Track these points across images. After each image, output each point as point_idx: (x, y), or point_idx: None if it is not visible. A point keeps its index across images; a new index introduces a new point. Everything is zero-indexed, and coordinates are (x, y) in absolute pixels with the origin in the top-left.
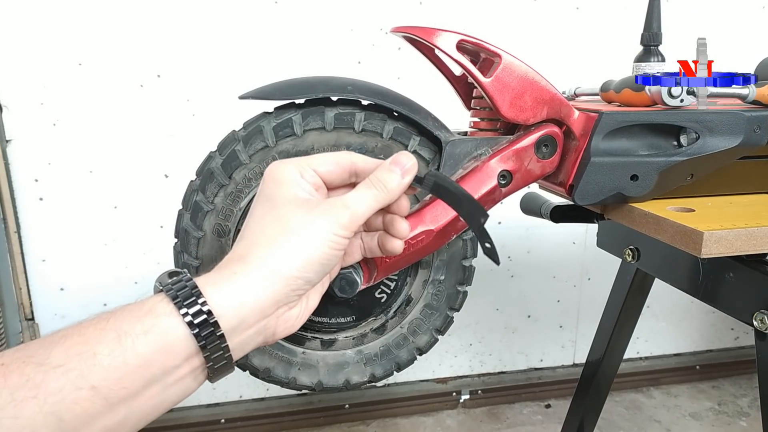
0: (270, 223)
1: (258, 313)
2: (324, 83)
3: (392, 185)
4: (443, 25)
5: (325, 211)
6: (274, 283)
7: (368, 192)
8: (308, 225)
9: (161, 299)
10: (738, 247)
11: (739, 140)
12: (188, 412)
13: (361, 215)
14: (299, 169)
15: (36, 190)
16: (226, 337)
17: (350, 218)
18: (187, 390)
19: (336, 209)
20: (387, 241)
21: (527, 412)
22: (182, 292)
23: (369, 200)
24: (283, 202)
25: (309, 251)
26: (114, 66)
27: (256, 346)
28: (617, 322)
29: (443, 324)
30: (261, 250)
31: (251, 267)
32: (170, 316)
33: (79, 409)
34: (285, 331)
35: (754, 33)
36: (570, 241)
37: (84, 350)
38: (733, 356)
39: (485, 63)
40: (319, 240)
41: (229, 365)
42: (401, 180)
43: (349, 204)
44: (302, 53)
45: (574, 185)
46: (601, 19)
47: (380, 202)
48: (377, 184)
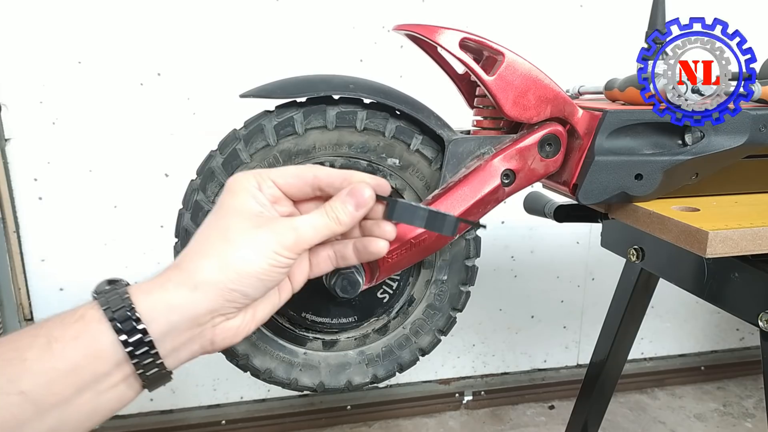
0: (213, 233)
1: (189, 320)
2: (326, 81)
3: (344, 218)
4: (446, 23)
5: (271, 229)
6: (207, 292)
7: (319, 220)
8: (249, 239)
9: (92, 306)
10: (743, 247)
11: (745, 139)
12: (189, 414)
13: (307, 241)
14: (258, 180)
15: (35, 189)
16: (156, 343)
17: (294, 241)
18: (123, 398)
19: (282, 229)
20: (369, 244)
21: (531, 413)
22: (113, 298)
23: (319, 228)
24: (232, 213)
25: (246, 265)
26: (114, 64)
27: (192, 354)
28: (621, 323)
29: (446, 324)
30: (198, 258)
31: (185, 275)
32: (99, 322)
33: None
34: (225, 341)
35: (760, 32)
36: (574, 241)
37: (14, 356)
38: (738, 357)
39: (488, 61)
40: (258, 255)
41: (163, 373)
42: (354, 213)
43: (297, 227)
44: (304, 51)
45: (577, 184)
46: (605, 16)
47: (330, 232)
48: (330, 214)
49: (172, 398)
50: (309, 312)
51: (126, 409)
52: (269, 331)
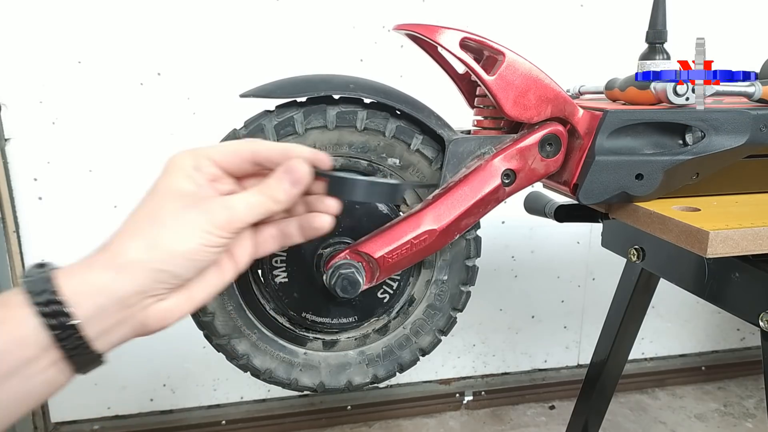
0: (143, 213)
1: (116, 302)
2: (326, 81)
3: (279, 196)
4: (446, 23)
5: (202, 208)
6: (134, 272)
7: (254, 198)
8: (179, 218)
9: (17, 291)
10: (744, 247)
11: (745, 139)
12: (188, 414)
13: (241, 219)
14: (194, 159)
15: (35, 189)
16: (83, 326)
17: (227, 220)
18: (55, 383)
19: (214, 207)
20: (312, 220)
21: (531, 413)
22: (37, 282)
23: (253, 206)
24: (163, 193)
25: (174, 244)
26: (114, 64)
27: (124, 337)
28: (622, 323)
29: (446, 324)
30: (125, 239)
31: (112, 256)
32: (23, 306)
33: None
34: (157, 323)
35: (761, 32)
36: (574, 241)
37: None
38: (739, 357)
39: (489, 61)
40: (187, 235)
41: (94, 356)
42: (290, 190)
43: (230, 205)
44: (304, 51)
45: (578, 184)
46: (606, 16)
47: (266, 210)
48: (265, 191)
49: (172, 398)
50: (309, 312)
51: (126, 409)
52: (269, 331)
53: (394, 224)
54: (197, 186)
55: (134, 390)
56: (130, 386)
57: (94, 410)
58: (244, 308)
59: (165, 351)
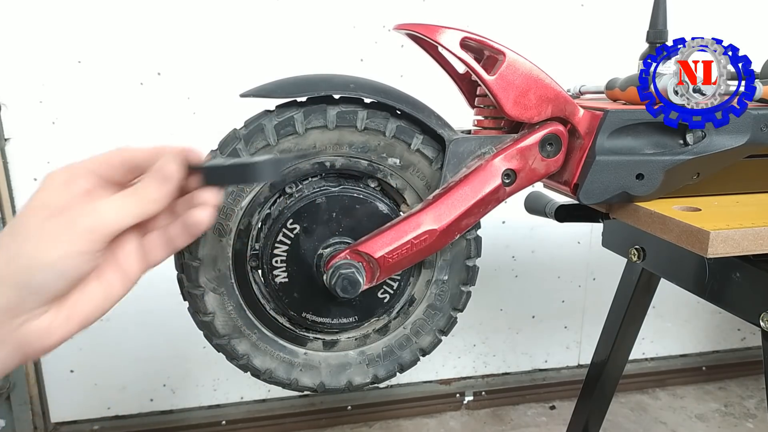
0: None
1: None
2: (326, 81)
3: (151, 195)
4: (447, 22)
5: (66, 216)
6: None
7: (125, 200)
8: (42, 228)
9: None
10: (745, 247)
11: (746, 139)
12: (189, 414)
13: (111, 224)
14: (66, 174)
15: (35, 189)
16: None
17: (93, 225)
18: None
19: (79, 214)
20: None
21: (532, 413)
22: None
23: (125, 209)
24: (30, 208)
25: (35, 254)
26: (113, 64)
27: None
28: (622, 323)
29: (447, 324)
30: None
31: None
32: None
33: None
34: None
35: (761, 32)
36: (575, 241)
37: None
38: (739, 357)
39: (489, 60)
40: (49, 244)
41: None
42: (161, 187)
43: (97, 209)
44: (304, 51)
45: (578, 184)
46: (606, 16)
47: (140, 211)
48: (138, 192)
49: (172, 398)
50: (309, 312)
51: (126, 410)
52: (270, 331)
53: (395, 224)
54: (71, 198)
55: (134, 390)
56: (130, 386)
57: (94, 410)
58: (244, 308)
59: (165, 351)
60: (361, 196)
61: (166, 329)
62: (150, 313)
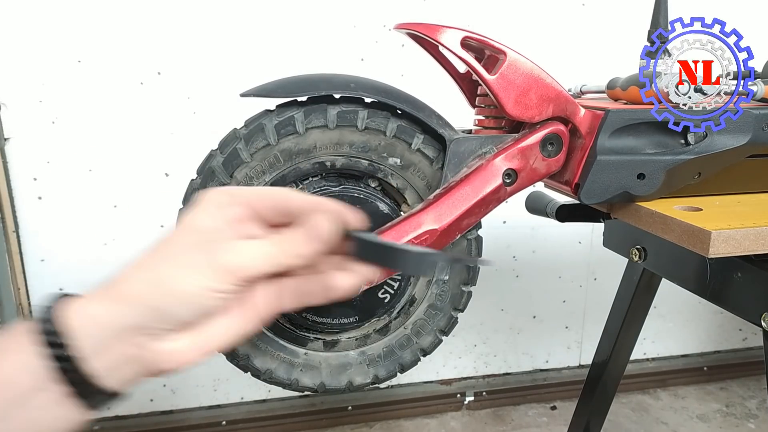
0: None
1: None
2: (326, 81)
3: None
4: (447, 22)
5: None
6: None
7: (270, 249)
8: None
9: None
10: (746, 247)
11: (747, 138)
12: (189, 414)
13: (248, 268)
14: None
15: (35, 188)
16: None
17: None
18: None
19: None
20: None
21: (532, 414)
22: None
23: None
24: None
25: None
26: (113, 63)
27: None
28: (624, 323)
29: (447, 325)
30: (131, 271)
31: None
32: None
33: None
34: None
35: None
36: (576, 241)
37: None
38: (741, 357)
39: (490, 60)
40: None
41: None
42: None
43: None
44: (304, 50)
45: (580, 184)
46: (608, 15)
47: (278, 263)
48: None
49: (172, 399)
50: (310, 312)
51: (126, 410)
52: (270, 331)
53: (395, 224)
54: (220, 223)
55: (134, 390)
56: None
57: None
58: None
59: None
60: (361, 195)
61: None
62: None
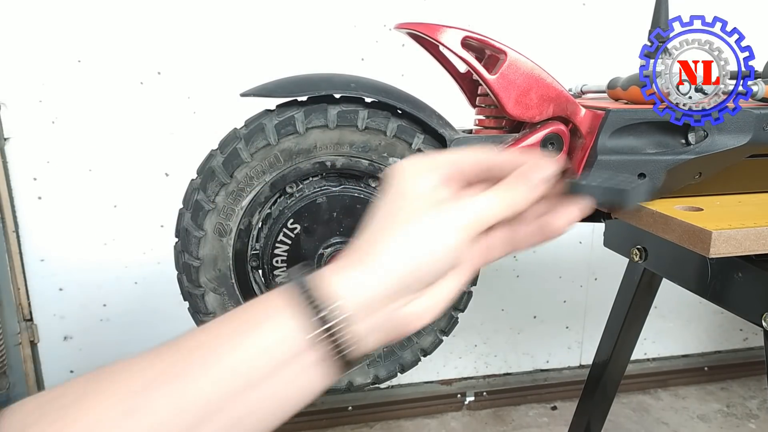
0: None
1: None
2: (327, 80)
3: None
4: (448, 22)
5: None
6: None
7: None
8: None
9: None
10: (747, 247)
11: (748, 138)
12: None
13: (484, 220)
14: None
15: (34, 188)
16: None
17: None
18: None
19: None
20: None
21: (533, 414)
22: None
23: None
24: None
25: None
26: (113, 63)
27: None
28: (624, 323)
29: (448, 325)
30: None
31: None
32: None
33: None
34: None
35: (763, 31)
36: (576, 241)
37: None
38: (741, 357)
39: (490, 60)
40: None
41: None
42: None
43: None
44: (304, 50)
45: None
46: (608, 15)
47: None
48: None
49: None
50: None
51: None
52: None
53: None
54: (438, 184)
55: None
56: None
57: None
58: None
59: None
60: (362, 195)
61: (167, 329)
62: (150, 313)
